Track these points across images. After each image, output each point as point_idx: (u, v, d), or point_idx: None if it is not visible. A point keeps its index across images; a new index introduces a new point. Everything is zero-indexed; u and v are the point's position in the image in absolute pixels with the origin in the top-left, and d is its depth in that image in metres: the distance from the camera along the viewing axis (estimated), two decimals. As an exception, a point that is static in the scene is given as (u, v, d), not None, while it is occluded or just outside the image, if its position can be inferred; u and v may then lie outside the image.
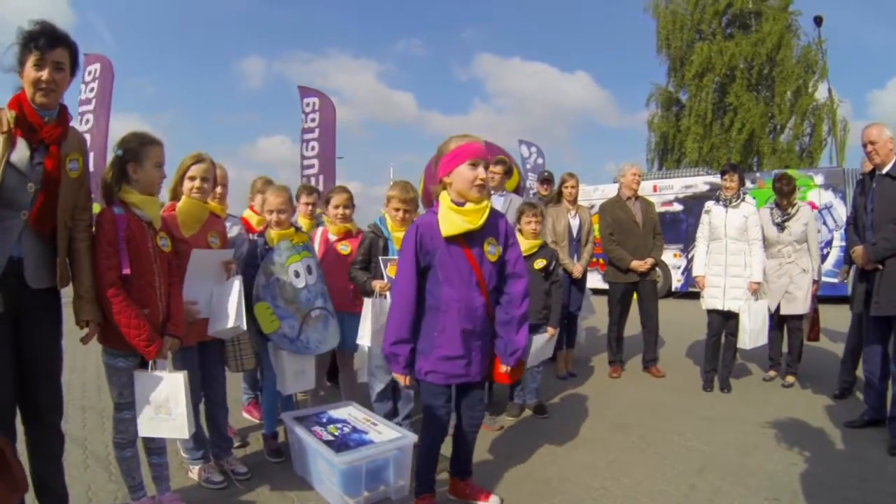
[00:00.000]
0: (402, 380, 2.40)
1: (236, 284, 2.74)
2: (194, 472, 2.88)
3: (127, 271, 2.19)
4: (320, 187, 7.82)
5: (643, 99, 25.67)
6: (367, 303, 3.15)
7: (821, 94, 19.13)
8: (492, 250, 2.41)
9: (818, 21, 16.87)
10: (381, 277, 3.15)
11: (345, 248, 3.57)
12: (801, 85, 19.24)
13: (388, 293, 3.06)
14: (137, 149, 2.31)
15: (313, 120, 8.67)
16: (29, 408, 2.12)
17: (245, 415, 3.95)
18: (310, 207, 3.93)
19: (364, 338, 3.16)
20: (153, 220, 2.38)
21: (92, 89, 8.62)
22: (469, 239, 2.35)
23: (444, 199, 2.37)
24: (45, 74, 1.97)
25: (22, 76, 2.00)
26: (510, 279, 2.47)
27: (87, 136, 7.90)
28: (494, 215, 2.47)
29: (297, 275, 3.03)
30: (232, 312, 2.68)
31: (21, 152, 1.97)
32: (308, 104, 8.72)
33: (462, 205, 2.33)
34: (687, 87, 20.69)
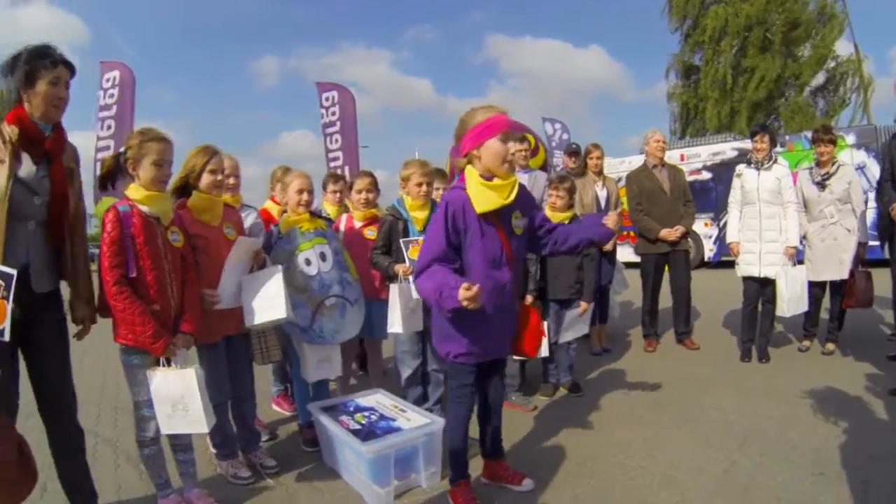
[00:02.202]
0: (468, 300, 2.00)
1: (279, 273, 2.68)
2: (223, 468, 2.86)
3: (132, 274, 2.20)
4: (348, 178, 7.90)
5: (659, 70, 25.06)
6: (394, 289, 3.08)
7: (841, 49, 18.45)
8: (518, 223, 2.33)
9: None
10: (403, 261, 3.08)
11: (371, 233, 3.47)
12: (820, 41, 18.47)
13: (411, 277, 2.98)
14: (137, 147, 2.32)
15: (334, 113, 8.61)
16: (46, 407, 2.16)
17: (275, 407, 3.93)
18: (337, 195, 3.89)
19: (395, 325, 3.09)
20: (161, 216, 2.36)
21: (111, 95, 8.73)
22: (499, 215, 2.26)
23: (473, 173, 2.24)
24: (61, 92, 2.10)
25: (28, 91, 2.06)
26: (552, 232, 2.47)
27: (111, 143, 8.06)
28: (521, 188, 2.37)
29: (308, 262, 2.96)
30: (280, 303, 2.62)
31: (28, 167, 2.06)
32: (327, 98, 8.70)
33: (490, 179, 2.22)
34: (703, 53, 20.05)
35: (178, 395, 2.22)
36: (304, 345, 2.98)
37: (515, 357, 2.95)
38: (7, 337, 1.91)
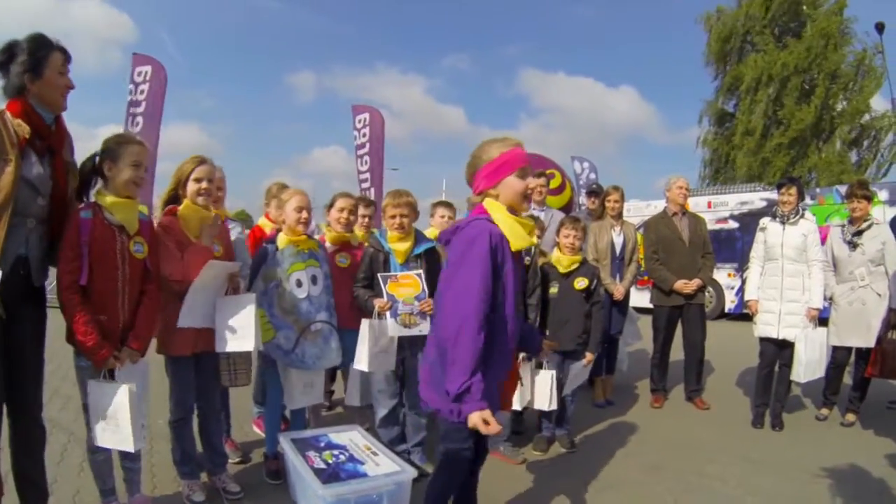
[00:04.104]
0: (488, 423, 1.76)
1: (252, 304, 2.58)
2: (182, 487, 2.75)
3: (83, 282, 2.16)
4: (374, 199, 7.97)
5: (690, 114, 24.99)
6: (365, 324, 2.92)
7: (877, 104, 18.08)
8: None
9: (880, 28, 15.68)
10: (381, 295, 2.93)
11: (343, 260, 3.30)
12: (856, 94, 18.14)
13: (387, 314, 2.88)
14: (115, 147, 2.29)
15: (365, 135, 8.68)
16: (14, 402, 2.12)
17: (255, 428, 3.80)
18: (367, 220, 3.77)
19: (361, 362, 2.93)
20: (126, 225, 2.29)
21: (142, 91, 8.66)
22: (518, 255, 2.10)
23: (500, 208, 2.01)
24: (67, 79, 2.14)
25: (36, 81, 2.06)
26: None
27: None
28: None
29: (298, 284, 2.84)
30: (249, 334, 2.54)
31: (36, 169, 2.08)
32: (360, 120, 8.79)
33: (515, 215, 2.04)
34: (739, 102, 19.84)
35: (112, 408, 2.18)
36: (290, 370, 2.85)
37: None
38: None
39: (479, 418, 1.76)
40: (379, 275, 2.97)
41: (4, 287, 1.94)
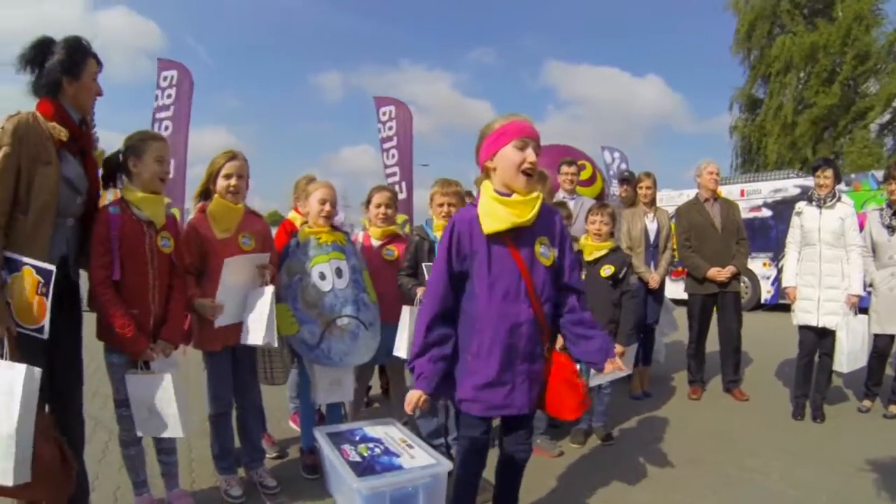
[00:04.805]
0: (417, 401, 1.94)
1: (268, 297, 2.59)
2: (219, 482, 2.80)
3: (116, 277, 2.22)
4: (402, 194, 7.92)
5: (718, 102, 24.45)
6: (406, 311, 2.91)
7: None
8: (545, 252, 1.98)
9: None
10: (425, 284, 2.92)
11: (390, 252, 3.29)
12: (887, 76, 17.51)
13: None
14: (138, 144, 2.34)
15: (391, 128, 8.60)
16: (57, 398, 2.17)
17: (291, 424, 3.83)
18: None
19: (401, 349, 2.92)
20: (154, 220, 2.35)
21: (169, 95, 8.79)
22: (517, 238, 1.93)
23: (487, 188, 1.96)
24: (98, 86, 2.21)
25: (74, 84, 2.10)
26: (563, 293, 2.08)
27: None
28: (549, 211, 2.06)
29: (322, 276, 2.81)
30: (261, 328, 2.56)
31: (75, 168, 2.14)
32: (384, 113, 8.71)
33: (508, 195, 1.93)
34: (768, 86, 19.30)
35: (154, 398, 2.24)
36: (315, 366, 2.85)
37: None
38: (46, 334, 1.97)
39: (414, 396, 1.92)
40: (424, 264, 2.95)
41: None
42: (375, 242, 3.32)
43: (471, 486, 2.19)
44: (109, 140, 2.46)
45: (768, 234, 10.65)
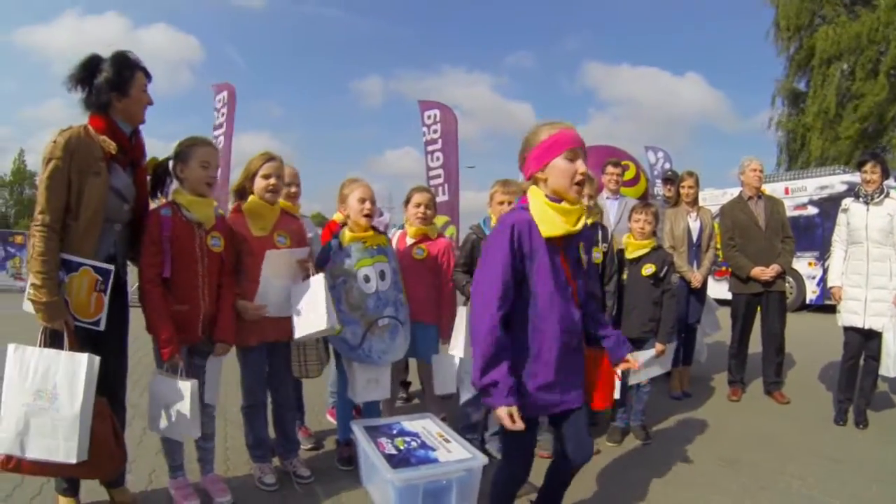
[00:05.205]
0: (510, 417, 1.79)
1: (320, 285, 2.63)
2: (253, 469, 2.90)
3: (166, 275, 2.35)
4: (444, 196, 8.17)
5: (760, 98, 23.63)
6: (462, 311, 2.97)
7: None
8: (583, 256, 2.10)
9: None
10: None
11: (420, 252, 3.34)
12: None
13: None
14: (185, 150, 2.46)
15: (435, 131, 8.73)
16: (102, 386, 2.21)
17: (329, 417, 3.91)
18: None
19: (456, 348, 2.99)
20: (203, 221, 2.46)
21: (223, 114, 9.55)
22: (566, 243, 1.98)
23: (538, 194, 1.97)
24: (148, 96, 2.34)
25: (123, 100, 2.24)
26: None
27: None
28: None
29: (367, 279, 2.88)
30: (322, 314, 2.59)
31: (124, 179, 2.31)
32: (429, 116, 8.85)
33: (559, 202, 1.94)
34: (811, 79, 18.56)
35: (171, 401, 2.36)
36: (354, 364, 2.91)
37: None
38: (103, 326, 2.20)
39: (504, 413, 1.79)
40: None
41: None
42: (409, 241, 3.37)
43: (511, 494, 2.17)
44: (153, 148, 2.60)
45: (814, 233, 10.33)
